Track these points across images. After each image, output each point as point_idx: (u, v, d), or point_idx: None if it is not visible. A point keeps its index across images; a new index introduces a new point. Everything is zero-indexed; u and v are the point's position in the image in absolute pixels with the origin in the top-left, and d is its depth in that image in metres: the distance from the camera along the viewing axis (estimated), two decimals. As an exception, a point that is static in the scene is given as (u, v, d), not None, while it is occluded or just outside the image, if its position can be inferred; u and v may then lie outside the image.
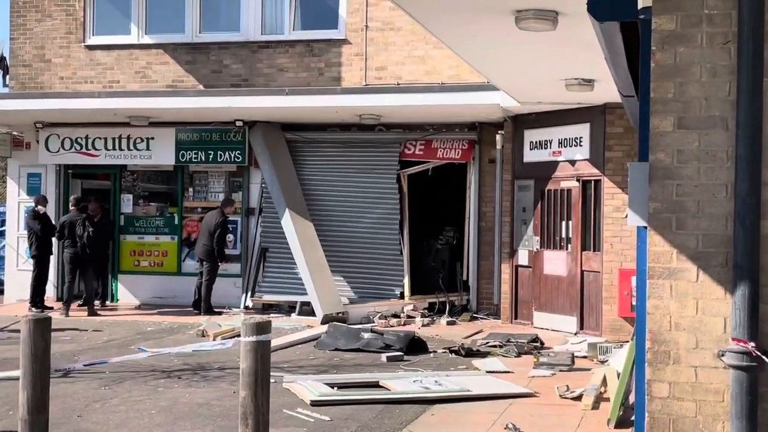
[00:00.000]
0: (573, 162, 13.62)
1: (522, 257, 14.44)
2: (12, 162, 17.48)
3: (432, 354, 11.41)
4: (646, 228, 5.20)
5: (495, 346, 11.57)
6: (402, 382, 9.29)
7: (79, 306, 15.45)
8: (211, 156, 16.26)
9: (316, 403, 8.43)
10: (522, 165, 14.49)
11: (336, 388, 9.01)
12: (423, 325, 13.99)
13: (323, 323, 13.55)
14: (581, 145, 13.47)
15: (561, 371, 10.13)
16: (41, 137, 16.82)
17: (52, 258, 16.05)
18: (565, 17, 8.06)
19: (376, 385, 9.25)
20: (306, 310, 14.78)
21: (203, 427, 7.73)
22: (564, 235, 13.80)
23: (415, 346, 11.53)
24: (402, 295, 15.49)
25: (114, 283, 16.93)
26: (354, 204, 15.94)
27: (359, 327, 12.78)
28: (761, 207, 4.80)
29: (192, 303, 15.48)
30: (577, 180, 13.57)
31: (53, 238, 15.78)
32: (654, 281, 4.97)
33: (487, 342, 11.86)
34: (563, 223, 13.82)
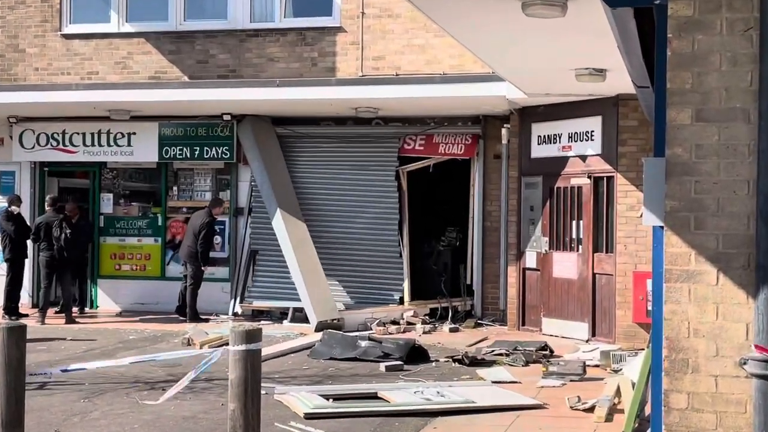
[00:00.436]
0: (584, 157, 13.64)
1: (529, 259, 14.46)
2: (-16, 159, 17.52)
3: (434, 363, 11.42)
4: (662, 228, 5.20)
5: (501, 354, 11.59)
6: (402, 393, 9.30)
7: (56, 313, 15.44)
8: (197, 152, 16.27)
9: (310, 416, 8.43)
10: (529, 161, 14.51)
11: (331, 399, 9.02)
12: (424, 333, 14.00)
13: (317, 331, 13.56)
14: (592, 140, 13.49)
15: (572, 381, 10.14)
16: (15, 133, 16.83)
17: (26, 262, 16.05)
18: (575, 3, 8.08)
19: (374, 397, 9.25)
20: (299, 316, 14.80)
21: (189, 442, 7.75)
22: (574, 236, 13.82)
23: (416, 354, 11.54)
24: (401, 301, 15.50)
25: (93, 289, 16.94)
26: (350, 203, 15.95)
27: (356, 335, 12.81)
28: (785, 205, 4.81)
29: (176, 309, 15.50)
30: (589, 177, 13.59)
31: (28, 240, 15.78)
32: (671, 285, 4.98)
33: (493, 350, 11.88)
34: (573, 223, 13.83)
